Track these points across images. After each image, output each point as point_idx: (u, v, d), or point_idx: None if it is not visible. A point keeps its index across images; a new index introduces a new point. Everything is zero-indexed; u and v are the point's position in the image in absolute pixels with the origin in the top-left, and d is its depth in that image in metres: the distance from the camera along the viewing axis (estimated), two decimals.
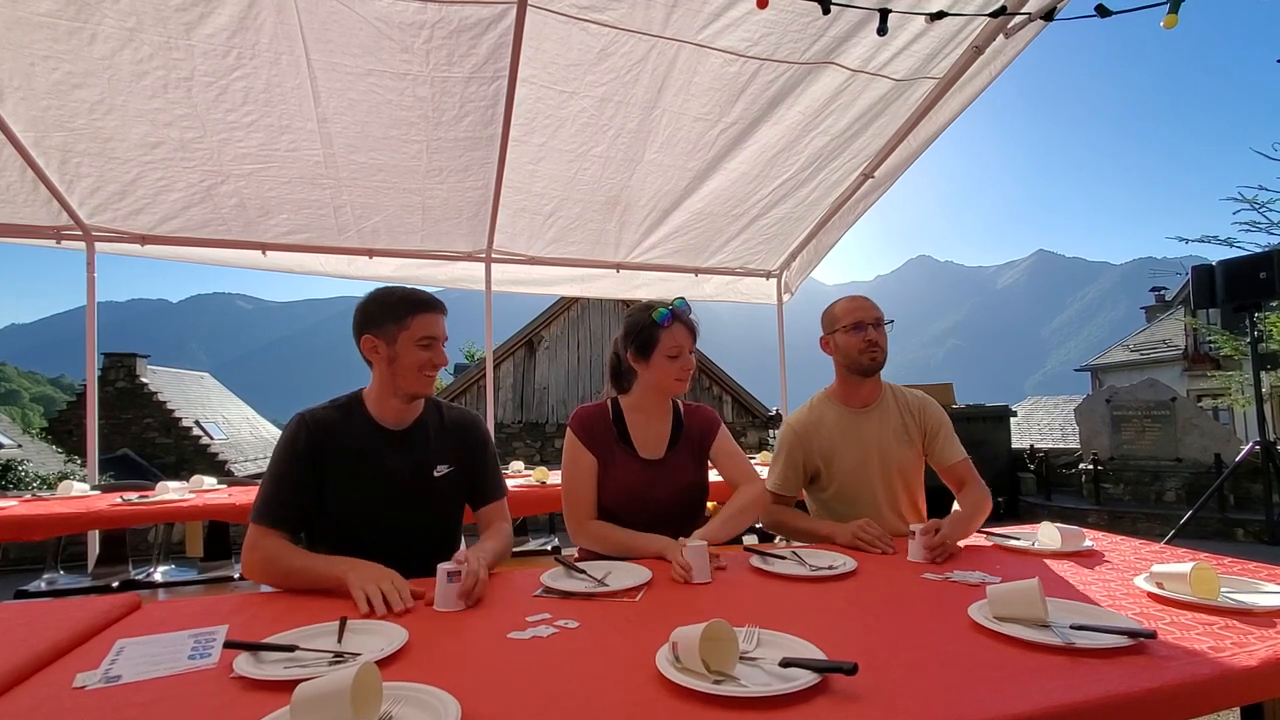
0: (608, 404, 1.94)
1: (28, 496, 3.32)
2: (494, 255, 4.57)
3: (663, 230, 4.57)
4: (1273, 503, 5.19)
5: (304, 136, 3.37)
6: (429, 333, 1.62)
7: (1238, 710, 1.24)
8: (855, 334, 1.98)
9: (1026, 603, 1.10)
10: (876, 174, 4.18)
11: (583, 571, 1.46)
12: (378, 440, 1.64)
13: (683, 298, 1.93)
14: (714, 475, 2.03)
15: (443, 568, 1.29)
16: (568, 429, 1.90)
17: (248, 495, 3.22)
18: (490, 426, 5.14)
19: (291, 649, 1.03)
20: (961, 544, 1.79)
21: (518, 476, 3.90)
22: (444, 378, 17.21)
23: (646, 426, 1.92)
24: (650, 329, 1.85)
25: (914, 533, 1.62)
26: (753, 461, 4.59)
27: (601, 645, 1.07)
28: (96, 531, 3.62)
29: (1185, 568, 1.26)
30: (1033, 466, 8.35)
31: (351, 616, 1.17)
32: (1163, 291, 23.64)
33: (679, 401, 2.02)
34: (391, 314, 1.62)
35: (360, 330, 1.65)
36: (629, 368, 1.92)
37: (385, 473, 1.63)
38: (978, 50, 3.22)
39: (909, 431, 2.06)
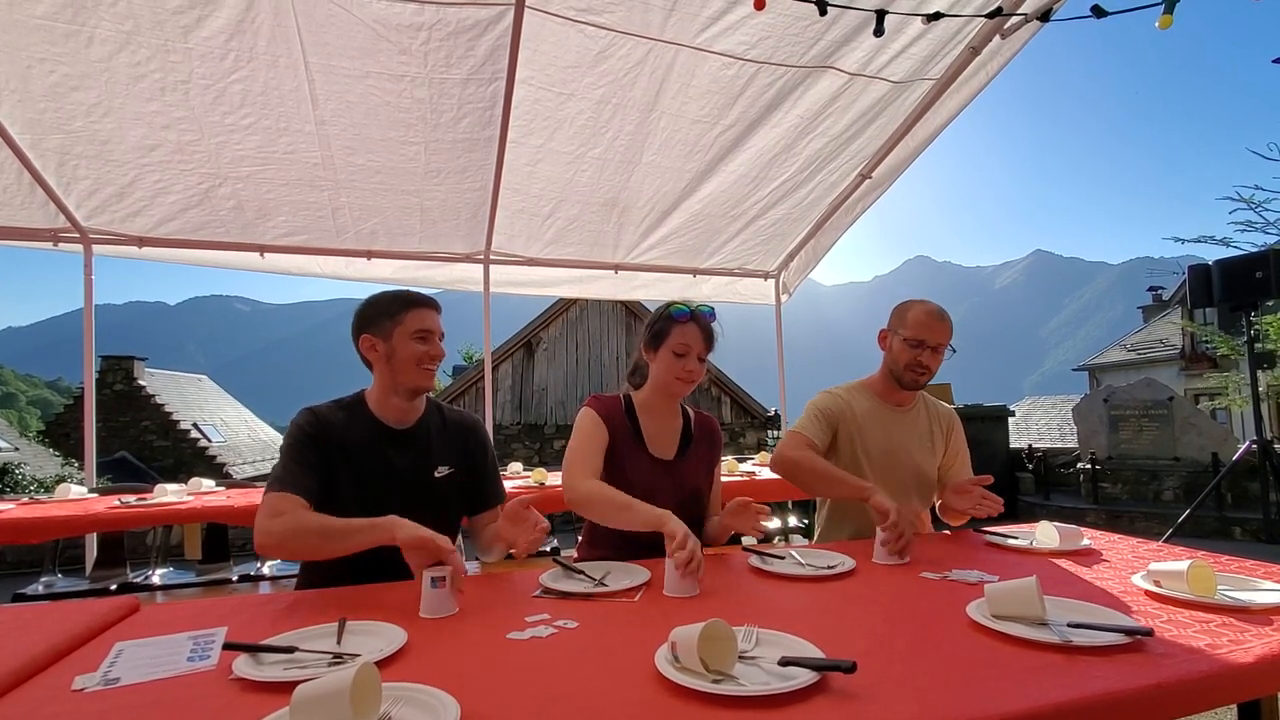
0: (620, 398, 1.93)
1: (25, 499, 3.31)
2: (492, 256, 4.57)
3: (661, 231, 4.58)
4: (1270, 501, 5.21)
5: (302, 139, 3.37)
6: (424, 326, 1.65)
7: (1235, 707, 1.25)
8: (911, 349, 1.97)
9: (1024, 601, 1.10)
10: (874, 175, 4.19)
11: (581, 572, 1.46)
12: (380, 439, 1.65)
13: (711, 306, 1.89)
14: None
15: (428, 573, 1.24)
16: (585, 407, 1.85)
17: (246, 497, 3.22)
18: (489, 428, 5.14)
19: (291, 650, 1.03)
20: (954, 539, 1.80)
21: (516, 478, 3.89)
22: (442, 379, 17.21)
23: (657, 426, 1.90)
24: (665, 321, 1.83)
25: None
26: (752, 462, 4.61)
27: (600, 645, 1.07)
28: (94, 534, 3.62)
29: (1182, 566, 1.26)
30: (1031, 466, 8.37)
31: (351, 618, 1.17)
32: (1160, 291, 23.70)
33: (687, 408, 2.01)
34: (386, 312, 1.65)
35: (358, 332, 1.68)
36: (643, 361, 1.92)
37: (387, 471, 1.64)
38: (974, 51, 3.23)
39: (934, 443, 2.08)
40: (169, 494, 3.20)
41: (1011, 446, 8.77)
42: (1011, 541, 1.78)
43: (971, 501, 1.82)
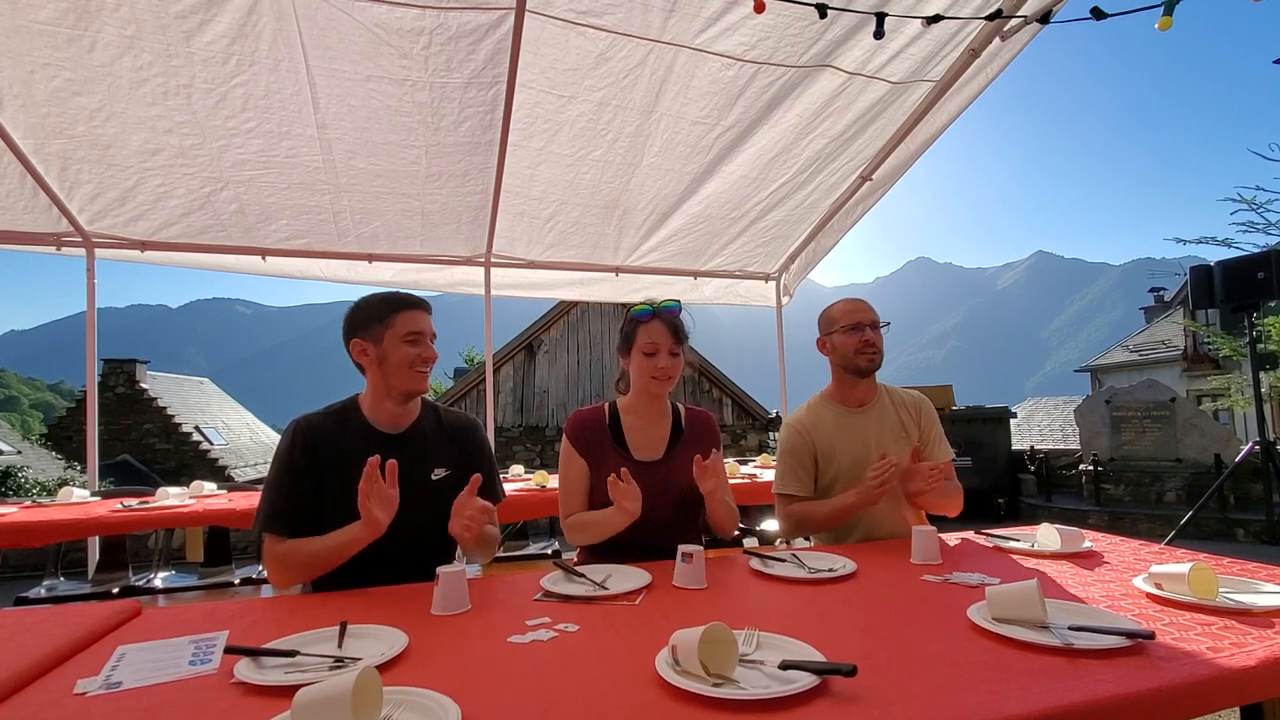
0: (604, 407, 1.94)
1: (28, 503, 3.32)
2: (493, 259, 4.58)
3: (661, 233, 4.58)
4: (1273, 503, 5.20)
5: (303, 142, 3.37)
6: (414, 328, 1.64)
7: (1238, 710, 1.24)
8: (852, 335, 2.01)
9: (1025, 604, 1.10)
10: (875, 176, 4.19)
11: (582, 575, 1.46)
12: (373, 444, 1.64)
13: (677, 300, 1.92)
14: None
15: (442, 570, 1.30)
16: (563, 434, 1.90)
17: (248, 500, 3.23)
18: (490, 430, 5.14)
19: (292, 654, 1.03)
20: (955, 541, 1.79)
21: (517, 480, 3.90)
22: (444, 382, 17.22)
23: (641, 429, 1.91)
24: (630, 324, 1.86)
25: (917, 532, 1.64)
26: (753, 464, 4.61)
27: (601, 649, 1.07)
28: (96, 538, 3.62)
29: (1183, 568, 1.26)
30: (1033, 468, 8.35)
31: (352, 622, 1.17)
32: (1161, 292, 23.65)
33: (680, 405, 2.01)
34: (375, 315, 1.64)
35: (348, 336, 1.67)
36: (624, 366, 1.94)
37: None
38: (974, 53, 3.23)
39: (907, 430, 2.08)
40: (171, 497, 3.21)
41: (1013, 448, 8.74)
42: (1013, 544, 1.78)
43: (923, 480, 1.82)
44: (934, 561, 1.59)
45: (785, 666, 0.93)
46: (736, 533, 4.04)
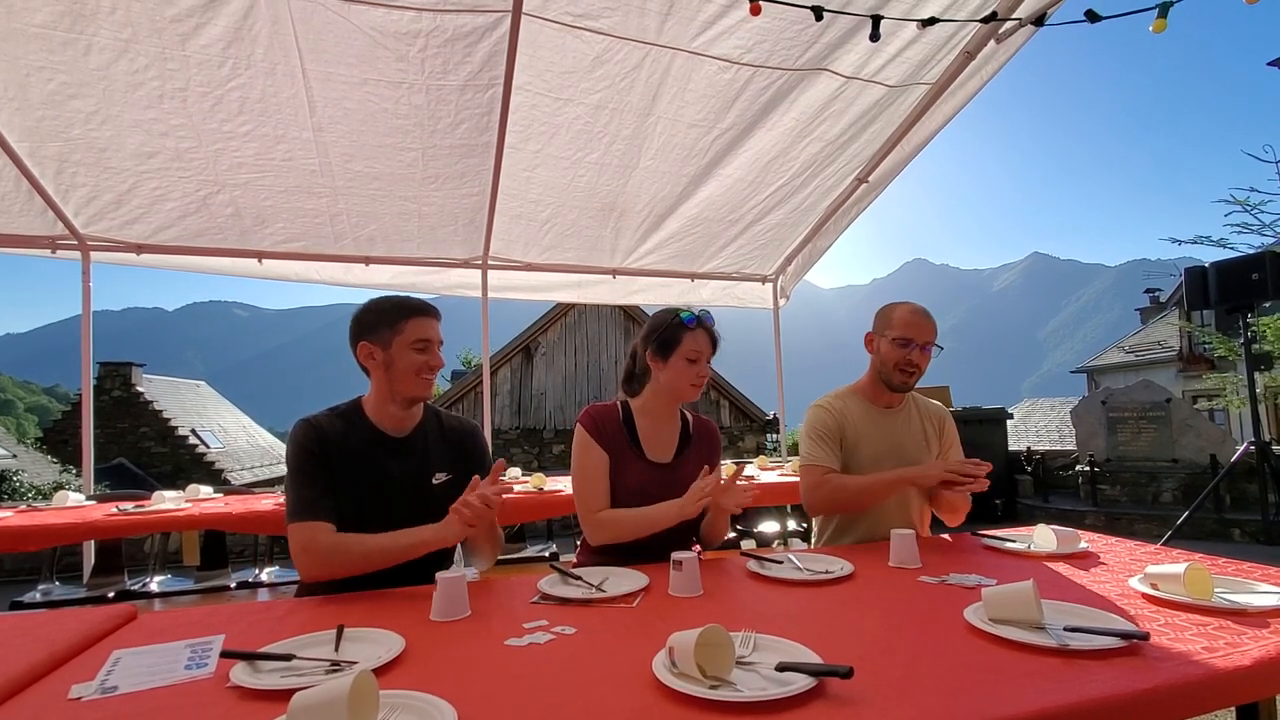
0: (617, 405, 1.93)
1: (23, 507, 3.31)
2: (490, 262, 4.58)
3: (658, 236, 4.59)
4: (1268, 503, 5.21)
5: (299, 146, 3.37)
6: (423, 335, 1.64)
7: (1233, 710, 1.25)
8: (899, 349, 1.98)
9: (1021, 605, 1.11)
10: (870, 179, 4.20)
11: (579, 578, 1.46)
12: (378, 447, 1.65)
13: (708, 310, 1.91)
14: None
15: (442, 576, 1.29)
16: (578, 425, 1.86)
17: (244, 504, 3.22)
18: (488, 433, 5.13)
19: (288, 658, 1.03)
20: (952, 542, 1.79)
21: (515, 483, 3.89)
22: (441, 384, 17.19)
23: (655, 430, 1.90)
24: (675, 329, 1.84)
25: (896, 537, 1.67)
26: (750, 465, 4.60)
27: (598, 652, 1.07)
28: (92, 542, 3.61)
29: (1179, 569, 1.27)
30: (1030, 469, 8.36)
31: (349, 625, 1.17)
32: (1157, 293, 23.72)
33: (686, 411, 2.02)
34: (385, 320, 1.64)
35: (356, 339, 1.67)
36: (644, 368, 1.90)
37: (385, 479, 1.63)
38: (969, 56, 3.25)
39: (928, 441, 2.09)
40: (167, 501, 3.20)
41: (1010, 449, 8.75)
42: (1009, 545, 1.78)
43: (961, 488, 1.84)
44: (913, 565, 1.58)
45: (782, 668, 0.93)
46: (732, 534, 4.05)
